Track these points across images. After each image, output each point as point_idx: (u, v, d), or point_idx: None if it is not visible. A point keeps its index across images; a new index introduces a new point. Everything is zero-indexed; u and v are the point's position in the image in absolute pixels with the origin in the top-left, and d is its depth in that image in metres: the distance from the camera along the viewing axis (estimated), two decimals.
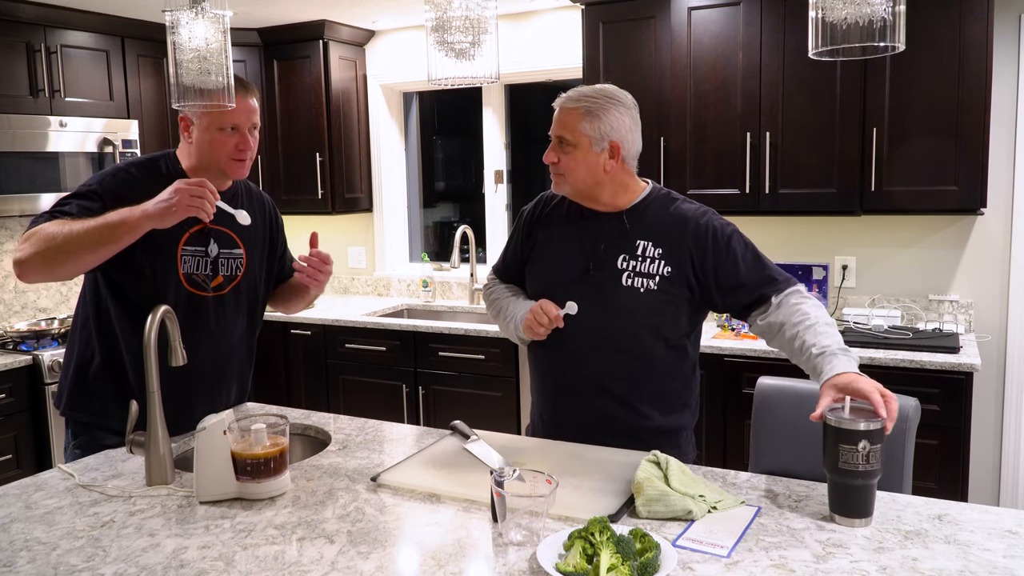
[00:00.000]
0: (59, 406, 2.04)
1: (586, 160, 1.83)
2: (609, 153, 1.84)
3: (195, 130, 1.96)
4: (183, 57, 1.69)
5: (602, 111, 1.82)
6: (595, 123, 1.82)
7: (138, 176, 1.96)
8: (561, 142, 1.85)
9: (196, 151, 1.97)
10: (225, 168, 1.97)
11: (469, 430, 1.88)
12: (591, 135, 1.82)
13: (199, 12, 1.69)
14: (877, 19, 1.46)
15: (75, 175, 3.72)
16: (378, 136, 4.73)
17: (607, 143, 1.83)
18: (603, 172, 1.85)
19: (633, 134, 1.87)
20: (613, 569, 1.19)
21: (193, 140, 1.97)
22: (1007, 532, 1.38)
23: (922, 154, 3.09)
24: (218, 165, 1.96)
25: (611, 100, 1.84)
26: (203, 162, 1.98)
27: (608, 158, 1.84)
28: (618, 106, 1.84)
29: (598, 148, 1.83)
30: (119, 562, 1.34)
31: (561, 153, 1.85)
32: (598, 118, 1.82)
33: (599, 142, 1.82)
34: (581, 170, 1.84)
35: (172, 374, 1.79)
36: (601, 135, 1.82)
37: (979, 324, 3.41)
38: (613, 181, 1.88)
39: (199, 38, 1.69)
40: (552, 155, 1.87)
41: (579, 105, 1.83)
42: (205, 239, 2.00)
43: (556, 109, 1.88)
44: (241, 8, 3.90)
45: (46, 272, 1.82)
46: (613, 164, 1.85)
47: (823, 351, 1.63)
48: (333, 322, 4.11)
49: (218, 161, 1.96)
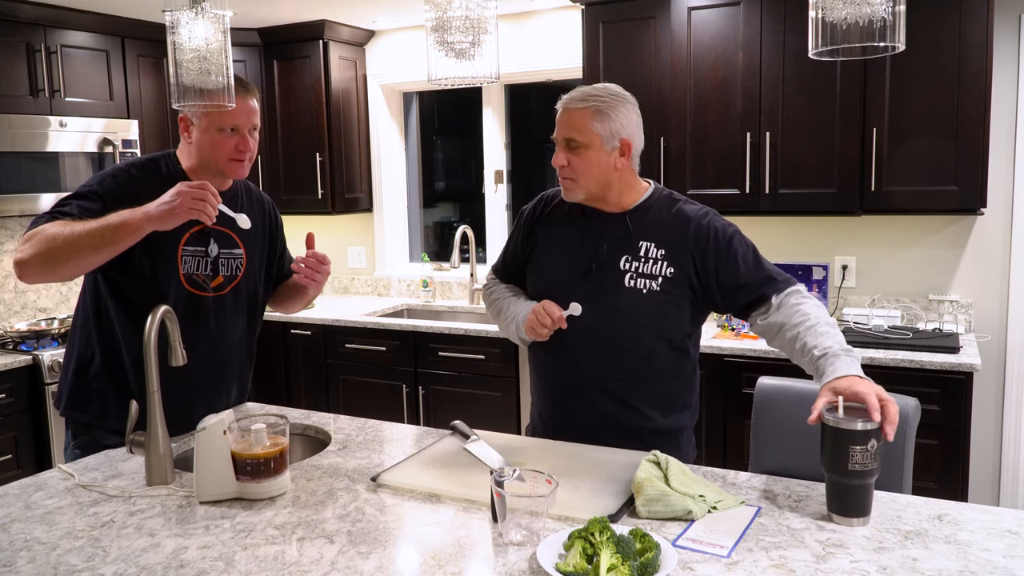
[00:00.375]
0: (59, 406, 2.04)
1: (598, 160, 1.82)
2: (620, 151, 1.83)
3: (195, 131, 1.96)
4: (183, 57, 1.69)
5: (611, 109, 1.82)
6: (605, 122, 1.81)
7: (138, 177, 1.96)
8: (570, 144, 1.83)
9: (196, 151, 1.98)
10: (224, 169, 1.97)
11: (469, 430, 1.88)
12: (602, 134, 1.81)
13: (199, 12, 1.69)
14: (877, 19, 1.46)
15: (75, 175, 3.72)
16: (378, 136, 4.73)
17: (618, 141, 1.82)
18: (614, 171, 1.84)
19: (639, 131, 1.87)
20: (613, 569, 1.19)
21: (193, 140, 1.97)
22: (1007, 532, 1.38)
23: (922, 154, 3.09)
24: (218, 166, 1.97)
25: (617, 98, 1.84)
26: (203, 162, 1.98)
27: (619, 156, 1.83)
28: (625, 103, 1.84)
29: (609, 147, 1.82)
30: (119, 562, 1.34)
31: (571, 155, 1.83)
32: (608, 116, 1.81)
33: (610, 140, 1.82)
34: (594, 171, 1.83)
35: (172, 374, 1.79)
36: (612, 133, 1.81)
37: (979, 324, 3.41)
38: (621, 180, 1.87)
39: (199, 38, 1.69)
40: (562, 158, 1.84)
41: (587, 105, 1.82)
42: (205, 239, 2.00)
43: (560, 111, 1.86)
44: (241, 8, 3.90)
45: (47, 273, 1.82)
46: (624, 162, 1.84)
47: (825, 352, 1.62)
48: (333, 322, 4.11)
49: (218, 162, 1.96)
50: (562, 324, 1.82)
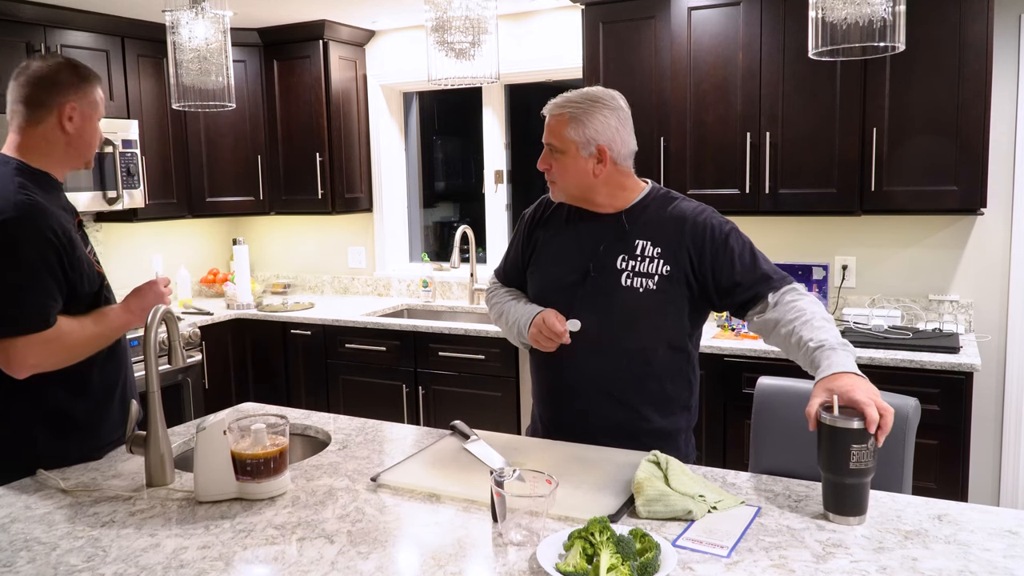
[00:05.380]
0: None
1: (575, 166, 1.84)
2: (597, 158, 1.84)
3: (81, 122, 1.86)
4: (183, 57, 1.70)
5: (585, 115, 1.82)
6: (580, 128, 1.82)
7: (43, 201, 1.77)
8: (551, 149, 1.86)
9: (77, 143, 1.87)
10: (91, 159, 1.93)
11: (469, 430, 1.88)
12: (577, 140, 1.82)
13: (199, 12, 1.69)
14: (877, 19, 1.46)
15: (74, 175, 3.71)
16: (378, 136, 4.73)
17: (594, 147, 1.83)
18: (592, 177, 1.85)
19: (621, 134, 1.85)
20: (613, 569, 1.19)
21: (75, 133, 1.85)
22: (1007, 532, 1.38)
23: (922, 154, 3.09)
24: (88, 156, 1.91)
25: (595, 103, 1.83)
26: (75, 154, 1.88)
27: (596, 163, 1.84)
28: (602, 108, 1.83)
29: (585, 153, 1.83)
30: (119, 562, 1.34)
31: (552, 160, 1.87)
32: (582, 123, 1.82)
33: (586, 147, 1.83)
34: (571, 176, 1.86)
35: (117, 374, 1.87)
36: (587, 140, 1.82)
37: (979, 324, 3.41)
38: (607, 183, 1.87)
39: (199, 38, 1.70)
40: (544, 162, 1.89)
41: (563, 111, 1.84)
42: (84, 234, 1.94)
43: (545, 116, 1.89)
44: (241, 8, 3.90)
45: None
46: (602, 168, 1.85)
47: (820, 345, 1.62)
48: (333, 322, 4.11)
49: (90, 152, 1.91)
50: (565, 339, 1.82)
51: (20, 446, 1.79)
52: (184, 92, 1.80)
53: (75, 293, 1.79)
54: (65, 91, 1.82)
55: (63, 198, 1.89)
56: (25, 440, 1.79)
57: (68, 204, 1.90)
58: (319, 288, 4.98)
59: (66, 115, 1.83)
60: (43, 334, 1.70)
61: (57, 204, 1.82)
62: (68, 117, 1.83)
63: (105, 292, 1.91)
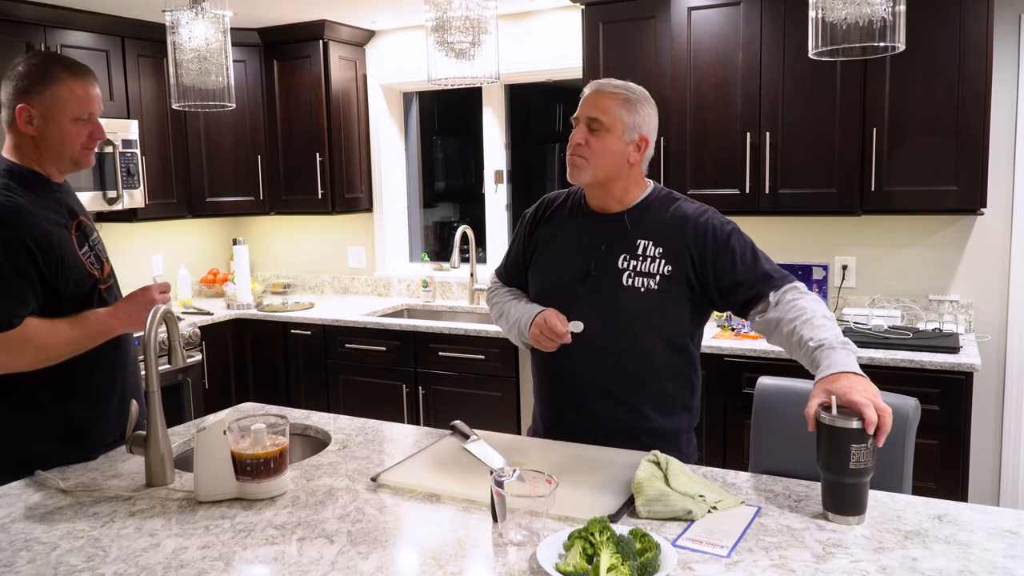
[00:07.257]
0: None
1: (615, 146, 1.85)
2: (636, 145, 1.87)
3: (42, 122, 1.82)
4: (183, 57, 1.70)
5: (639, 104, 1.87)
6: (631, 113, 1.86)
7: (28, 202, 1.78)
8: (592, 124, 1.85)
9: (43, 144, 1.83)
10: (80, 158, 1.88)
11: (469, 430, 1.88)
12: (626, 122, 1.85)
13: (199, 12, 1.69)
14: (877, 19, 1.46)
15: (74, 176, 3.70)
16: (378, 136, 4.73)
17: (637, 135, 1.86)
18: (626, 163, 1.87)
19: (655, 134, 1.93)
20: (613, 569, 1.19)
21: (38, 134, 1.82)
22: (1007, 532, 1.38)
23: (922, 154, 3.10)
24: (72, 156, 1.87)
25: (644, 97, 1.91)
26: (52, 155, 1.85)
27: (634, 150, 1.87)
28: (649, 104, 1.91)
29: (628, 138, 1.86)
30: (119, 562, 1.34)
31: (591, 136, 1.85)
32: (635, 109, 1.86)
33: (631, 131, 1.86)
34: (608, 155, 1.85)
35: (112, 372, 1.87)
36: (634, 125, 1.86)
37: (979, 324, 3.41)
38: (629, 176, 1.90)
39: (199, 38, 1.70)
40: (580, 135, 1.86)
41: (619, 92, 1.87)
42: (85, 234, 1.91)
43: (589, 92, 1.89)
44: (241, 8, 3.90)
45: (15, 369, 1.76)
46: (637, 157, 1.88)
47: (821, 344, 1.61)
48: (333, 322, 4.11)
49: (72, 152, 1.86)
50: (566, 340, 1.82)
51: (13, 448, 1.79)
52: (184, 92, 1.80)
53: (57, 294, 1.78)
54: (15, 93, 1.80)
55: (61, 198, 1.87)
56: (17, 442, 1.79)
57: (67, 204, 1.89)
58: (319, 288, 4.98)
59: (22, 118, 1.81)
60: (6, 334, 1.70)
61: (48, 205, 1.81)
62: (26, 120, 1.81)
63: (104, 293, 1.90)
